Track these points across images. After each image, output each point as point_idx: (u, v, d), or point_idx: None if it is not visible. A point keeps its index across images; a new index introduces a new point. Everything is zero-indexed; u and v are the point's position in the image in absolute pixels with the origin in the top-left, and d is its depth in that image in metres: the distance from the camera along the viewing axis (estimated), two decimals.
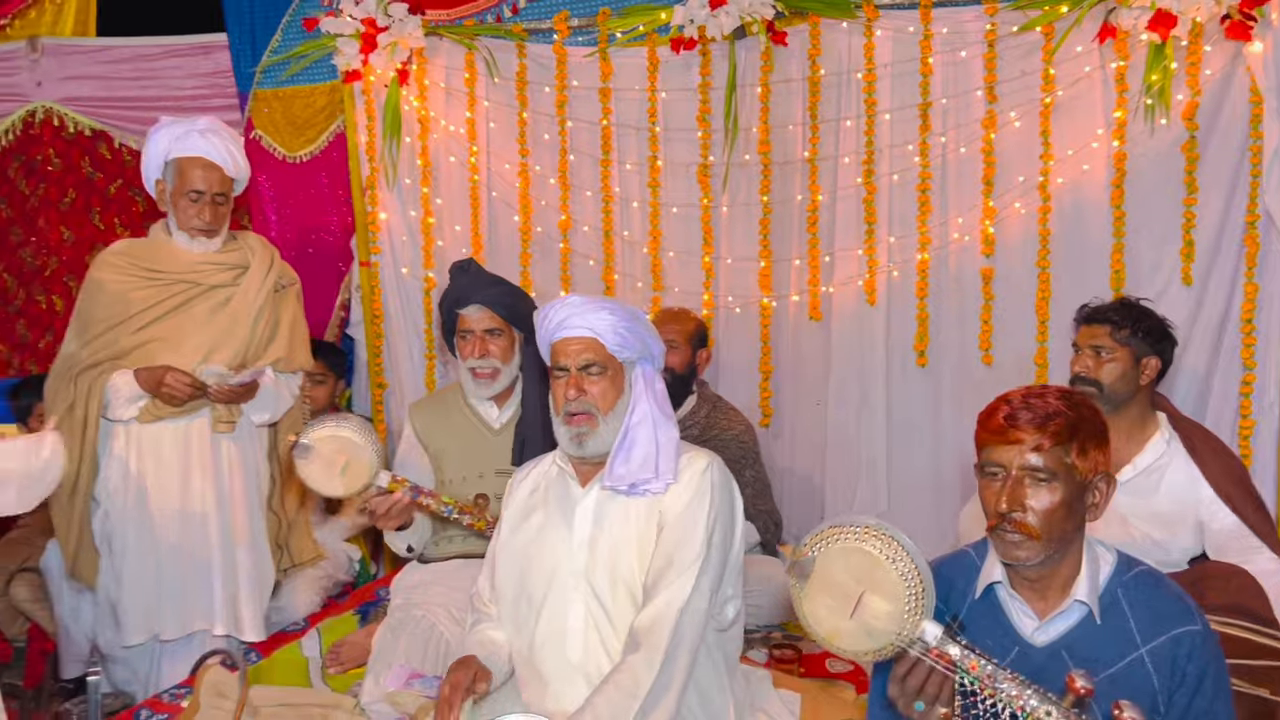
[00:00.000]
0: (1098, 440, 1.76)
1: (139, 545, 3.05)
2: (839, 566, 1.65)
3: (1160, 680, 1.72)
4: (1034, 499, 1.72)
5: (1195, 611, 1.77)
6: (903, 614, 1.59)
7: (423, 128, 3.94)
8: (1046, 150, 3.31)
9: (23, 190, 4.80)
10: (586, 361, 2.15)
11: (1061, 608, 1.78)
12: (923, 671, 1.62)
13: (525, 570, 2.25)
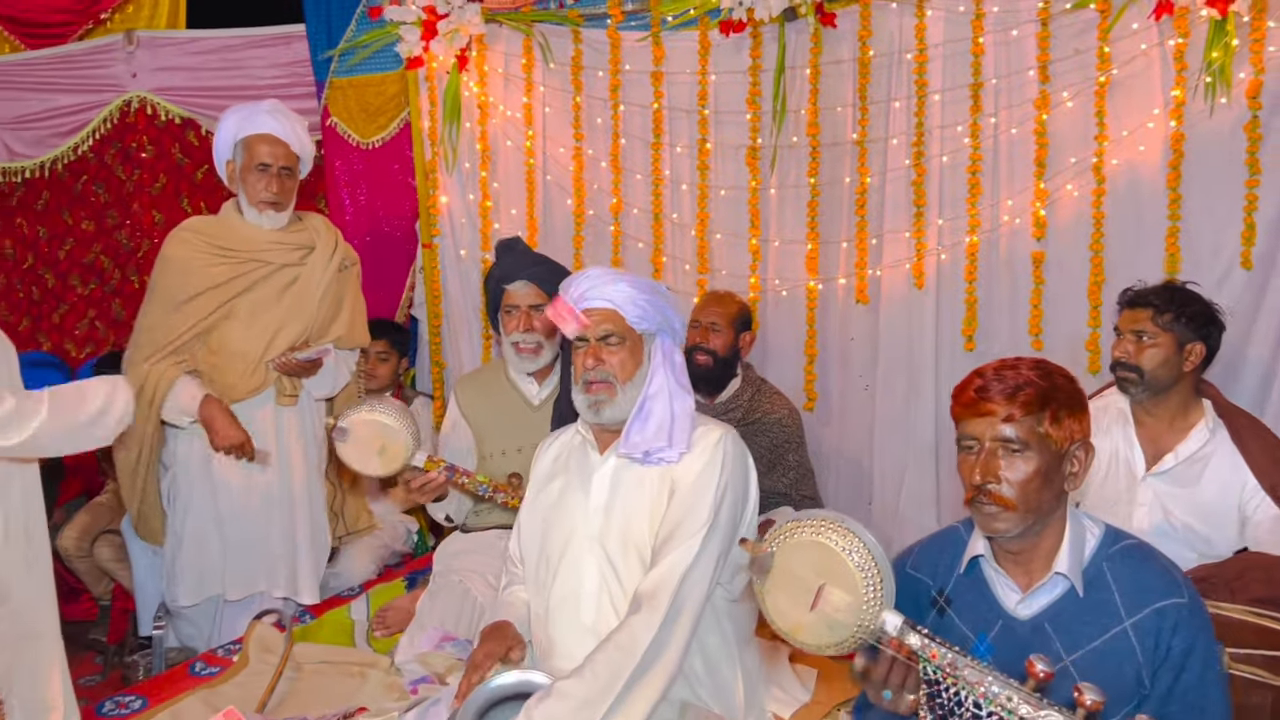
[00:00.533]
0: (1071, 408, 1.75)
1: (201, 510, 3.22)
2: (798, 560, 1.66)
3: (1144, 654, 1.70)
4: (1008, 470, 1.72)
5: (1182, 585, 1.74)
6: (862, 605, 1.59)
7: (482, 113, 4.04)
8: (1101, 131, 3.23)
9: (119, 176, 5.08)
10: (605, 332, 2.21)
11: (1043, 580, 1.77)
12: (885, 664, 1.63)
13: (545, 534, 2.32)
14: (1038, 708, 1.48)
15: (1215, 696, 1.72)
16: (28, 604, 2.43)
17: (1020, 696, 1.50)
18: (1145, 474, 2.73)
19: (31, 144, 5.16)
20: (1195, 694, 1.69)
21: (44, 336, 5.21)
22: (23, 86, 5.09)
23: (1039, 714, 1.48)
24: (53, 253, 5.21)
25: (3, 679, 2.35)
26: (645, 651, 1.98)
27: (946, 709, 1.57)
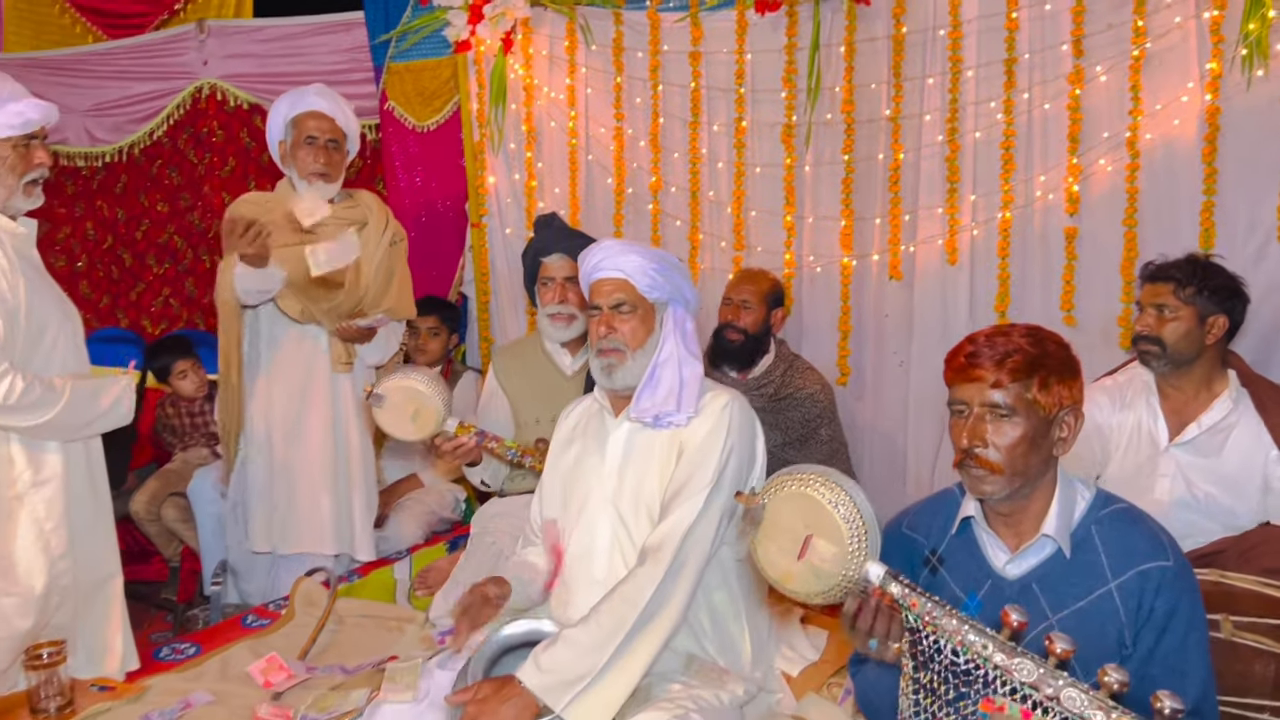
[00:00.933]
0: (1061, 374, 1.77)
1: (260, 468, 3.41)
2: (787, 512, 1.71)
3: (1127, 615, 1.73)
4: (995, 435, 1.75)
5: (1169, 548, 1.76)
6: (847, 555, 1.64)
7: (527, 95, 4.16)
8: (1135, 105, 3.21)
9: (191, 160, 5.32)
10: (617, 301, 2.29)
11: (1031, 542, 1.81)
12: (870, 613, 1.69)
13: (564, 495, 2.43)
14: (1011, 655, 1.52)
15: (1197, 660, 1.74)
16: (93, 556, 2.63)
17: (995, 645, 1.54)
18: (1168, 445, 2.74)
19: (111, 130, 5.43)
20: (1177, 656, 1.72)
21: (122, 313, 5.50)
22: (103, 75, 5.35)
23: (1012, 661, 1.52)
24: (130, 234, 5.49)
25: (69, 624, 2.55)
26: (648, 602, 2.07)
27: (926, 656, 1.61)
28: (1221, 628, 2.21)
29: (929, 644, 1.61)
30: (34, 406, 2.37)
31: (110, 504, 2.71)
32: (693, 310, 2.40)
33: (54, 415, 2.40)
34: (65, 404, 2.42)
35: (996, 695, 1.54)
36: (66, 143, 5.45)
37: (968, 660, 1.57)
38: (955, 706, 1.61)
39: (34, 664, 2.33)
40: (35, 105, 2.47)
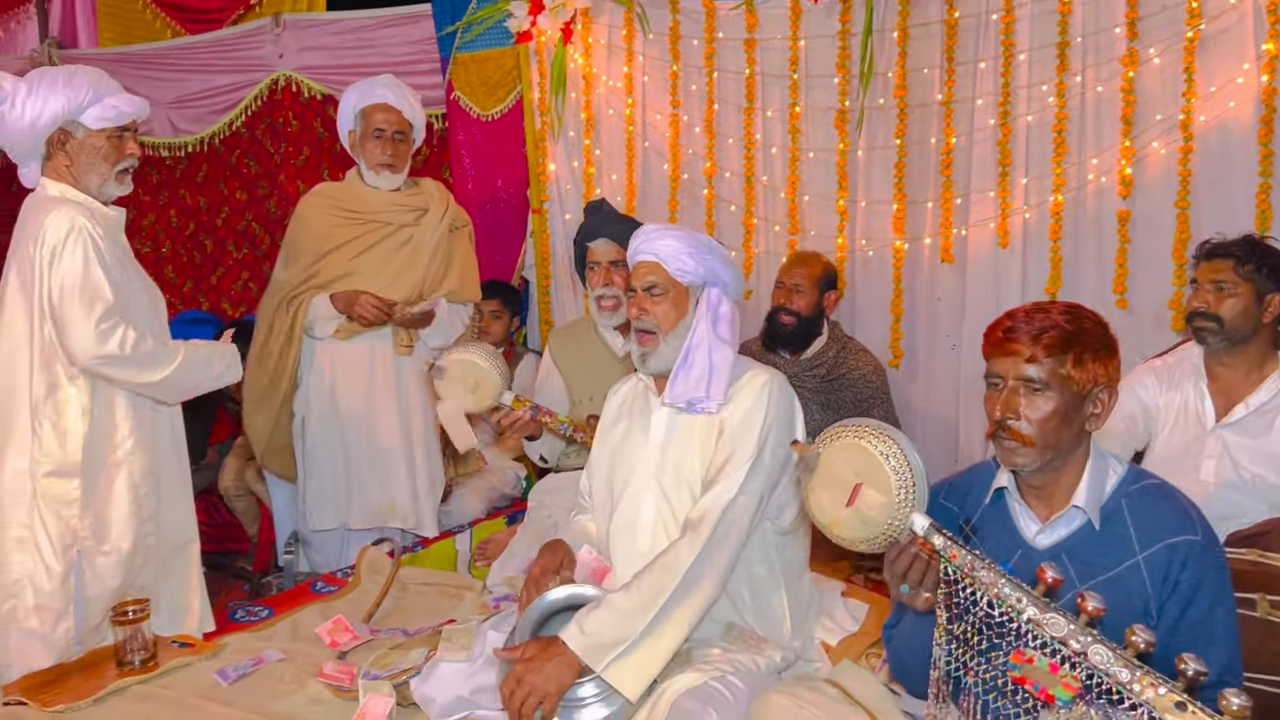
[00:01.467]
0: (1097, 352, 1.80)
1: (328, 446, 3.57)
2: (840, 461, 1.79)
3: (1153, 586, 1.77)
4: (1029, 408, 1.79)
5: (1197, 523, 1.79)
6: (894, 505, 1.72)
7: (586, 83, 4.26)
8: (1190, 87, 3.20)
9: (268, 149, 5.53)
10: (649, 283, 2.38)
11: (1061, 513, 1.85)
12: (909, 558, 1.76)
13: (610, 470, 2.54)
14: (1044, 610, 1.57)
15: (1224, 632, 1.77)
16: (175, 521, 2.82)
17: (1029, 599, 1.60)
18: (1215, 425, 2.75)
19: (192, 121, 5.66)
20: (1202, 628, 1.76)
21: (203, 296, 5.75)
22: (185, 69, 5.58)
23: (1044, 616, 1.57)
24: (211, 220, 5.72)
25: (152, 584, 2.74)
26: (687, 572, 2.16)
27: (961, 608, 1.68)
28: (1258, 606, 2.23)
29: (965, 596, 1.67)
30: (149, 362, 2.54)
31: (189, 473, 2.89)
32: (732, 294, 2.46)
33: (170, 373, 2.58)
34: (180, 363, 2.60)
35: (1027, 648, 1.59)
36: (152, 133, 5.69)
37: (1002, 613, 1.62)
38: (987, 657, 1.66)
39: (121, 620, 2.51)
40: (128, 100, 2.65)
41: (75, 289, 2.49)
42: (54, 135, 2.57)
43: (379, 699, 2.28)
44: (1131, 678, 1.49)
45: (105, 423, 2.59)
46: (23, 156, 2.60)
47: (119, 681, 2.42)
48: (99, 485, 2.59)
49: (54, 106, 2.52)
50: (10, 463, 2.53)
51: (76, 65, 2.63)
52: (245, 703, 2.36)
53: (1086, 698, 1.54)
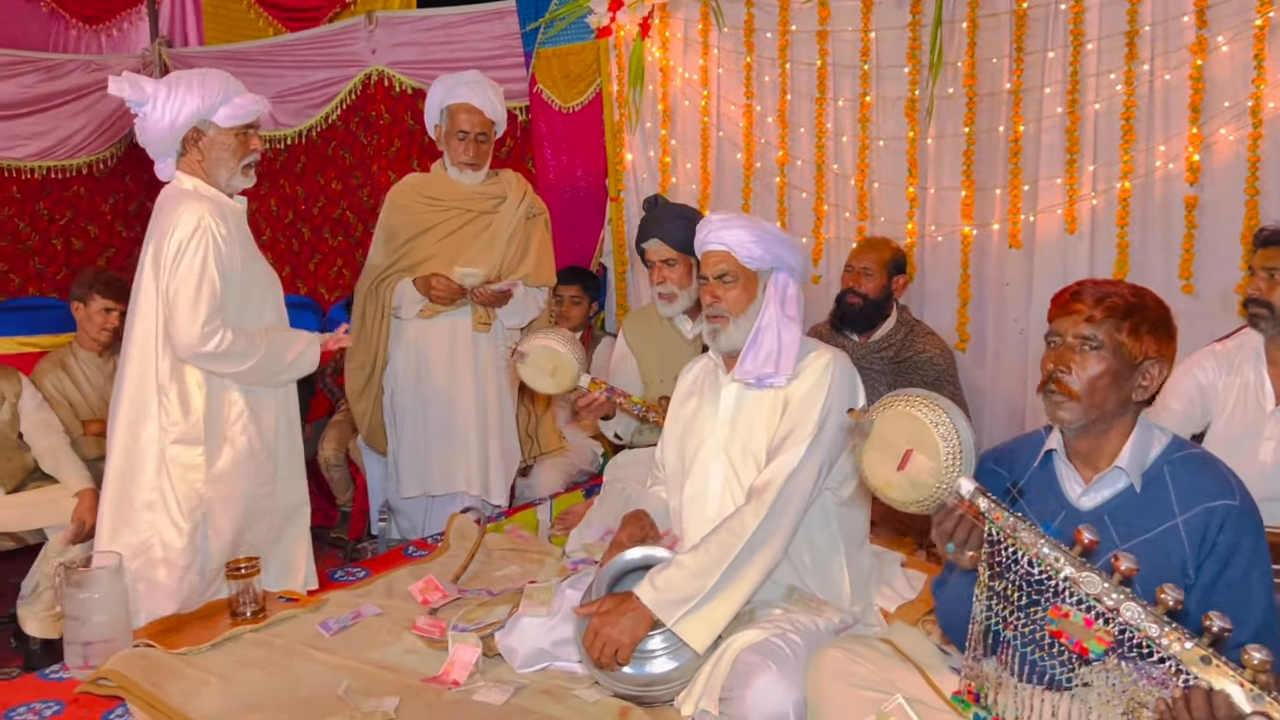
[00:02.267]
0: (1154, 328, 1.89)
1: (414, 419, 3.82)
2: (892, 428, 1.92)
3: (1191, 547, 1.85)
4: (1079, 364, 1.89)
5: (1235, 489, 1.86)
6: (942, 470, 1.84)
7: (663, 76, 4.42)
8: (1259, 74, 3.23)
9: (361, 141, 5.80)
10: (720, 271, 2.53)
11: (1104, 472, 1.94)
12: (955, 519, 1.88)
13: (682, 442, 2.70)
14: (1080, 569, 1.68)
15: (1260, 593, 1.84)
16: (289, 484, 3.09)
17: (1066, 559, 1.70)
18: (1274, 408, 2.80)
19: (292, 114, 5.96)
20: (1239, 588, 1.84)
21: (301, 282, 6.05)
22: (285, 65, 5.88)
23: (1080, 575, 1.68)
24: (308, 209, 6.03)
25: (262, 544, 3.00)
26: (752, 536, 2.32)
27: (1003, 565, 1.79)
28: None
29: (1007, 555, 1.78)
30: (237, 356, 2.80)
31: (301, 444, 3.15)
32: (798, 276, 2.60)
33: (253, 364, 2.83)
34: (262, 355, 2.85)
35: (1064, 604, 1.70)
36: None
37: (1041, 571, 1.73)
38: (1025, 612, 1.78)
39: (234, 574, 2.77)
40: (253, 99, 2.89)
41: (190, 291, 2.73)
42: (188, 133, 2.82)
43: (467, 649, 2.49)
44: (1160, 633, 1.59)
45: (220, 397, 2.85)
46: (160, 154, 2.85)
47: (233, 630, 2.68)
48: (219, 452, 2.85)
49: (190, 107, 2.77)
50: (143, 432, 2.80)
51: (207, 69, 2.87)
52: (346, 651, 2.58)
53: (1118, 651, 1.65)
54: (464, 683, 2.41)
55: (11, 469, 3.78)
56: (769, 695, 2.12)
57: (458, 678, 2.43)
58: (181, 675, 2.42)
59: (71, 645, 2.50)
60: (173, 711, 2.26)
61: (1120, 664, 1.67)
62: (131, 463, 2.80)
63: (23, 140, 5.86)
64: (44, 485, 3.80)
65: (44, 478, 3.85)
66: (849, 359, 2.57)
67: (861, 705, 1.97)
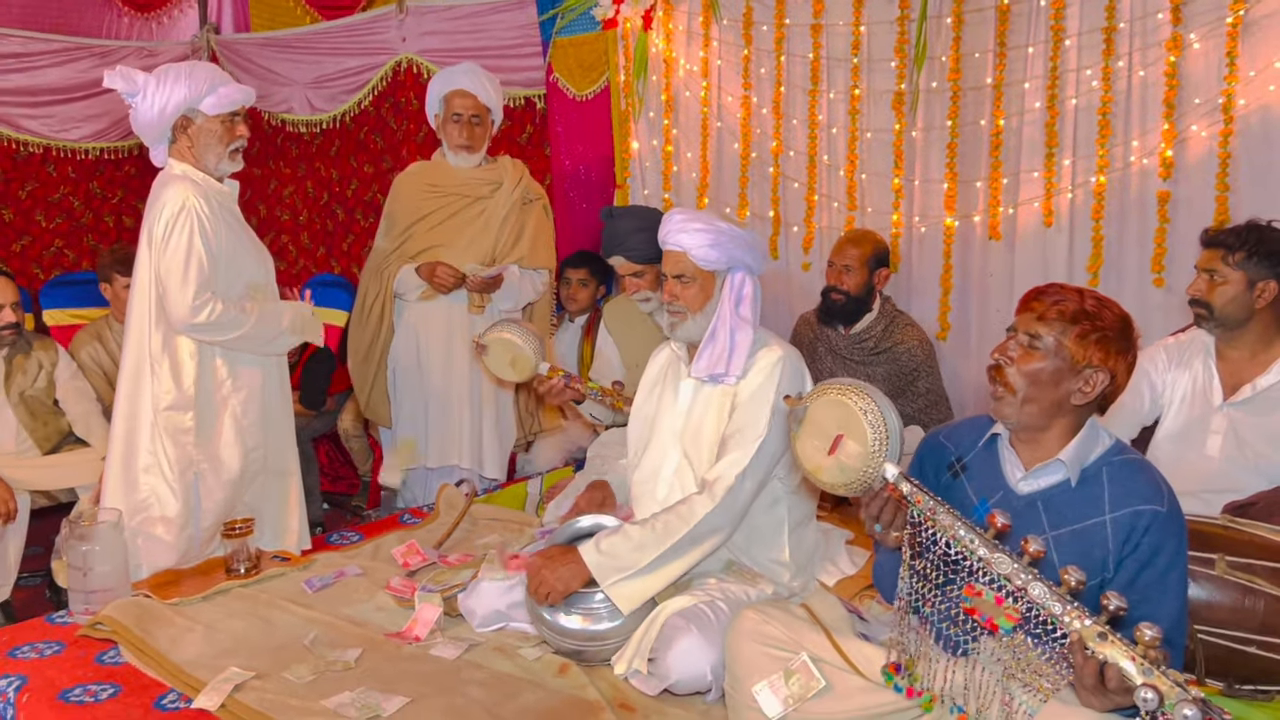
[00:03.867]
0: (1104, 340, 1.98)
1: (412, 394, 4.05)
2: (825, 415, 2.06)
3: (1115, 544, 1.98)
4: (1022, 359, 2.02)
5: (1165, 496, 1.98)
6: (869, 455, 1.97)
7: (666, 67, 4.55)
8: (1231, 71, 3.27)
9: (392, 126, 6.01)
10: (678, 272, 2.68)
11: (1045, 462, 2.06)
12: (880, 502, 2.02)
13: (644, 425, 2.88)
14: (993, 551, 1.82)
15: (1173, 595, 1.97)
16: (278, 447, 3.32)
17: (980, 541, 1.84)
18: (1222, 403, 2.87)
19: (327, 100, 6.20)
20: (1156, 587, 1.96)
21: (335, 261, 6.31)
22: (321, 51, 6.11)
23: (993, 556, 1.82)
24: (342, 192, 6.27)
25: (258, 504, 3.23)
26: (698, 523, 2.48)
27: (924, 546, 1.93)
28: (1216, 565, 2.39)
29: (927, 536, 1.92)
30: (229, 325, 3.03)
31: (292, 414, 3.37)
32: (755, 273, 2.73)
33: (244, 332, 3.06)
34: (254, 323, 3.07)
35: (978, 583, 1.85)
36: (292, 111, 6.27)
37: (957, 552, 1.87)
38: (943, 590, 1.92)
39: (230, 534, 3.01)
40: (238, 89, 3.11)
41: (179, 267, 2.97)
42: (178, 121, 3.05)
43: (429, 608, 2.70)
44: (1063, 611, 1.74)
45: (210, 366, 3.08)
46: (153, 141, 3.09)
47: (224, 584, 2.92)
48: (209, 418, 3.09)
49: (177, 97, 3.00)
50: (140, 400, 3.05)
51: (194, 61, 3.11)
52: (322, 606, 2.81)
53: (1025, 628, 1.80)
54: (424, 639, 2.62)
55: (48, 432, 4.08)
56: (690, 656, 2.30)
57: (419, 634, 2.64)
58: (170, 623, 2.67)
59: (75, 593, 2.76)
60: (158, 655, 2.50)
61: (1026, 639, 1.81)
62: (131, 428, 3.05)
63: (77, 123, 6.19)
64: (76, 448, 4.10)
65: (78, 441, 4.16)
66: (799, 355, 2.70)
67: (771, 663, 2.12)
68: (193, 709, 2.27)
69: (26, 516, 3.79)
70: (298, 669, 2.42)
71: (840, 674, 2.09)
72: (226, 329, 3.03)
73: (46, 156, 6.20)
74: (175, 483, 3.04)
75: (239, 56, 6.38)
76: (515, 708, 2.28)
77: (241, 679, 2.35)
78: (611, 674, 2.43)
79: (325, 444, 5.56)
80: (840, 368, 3.86)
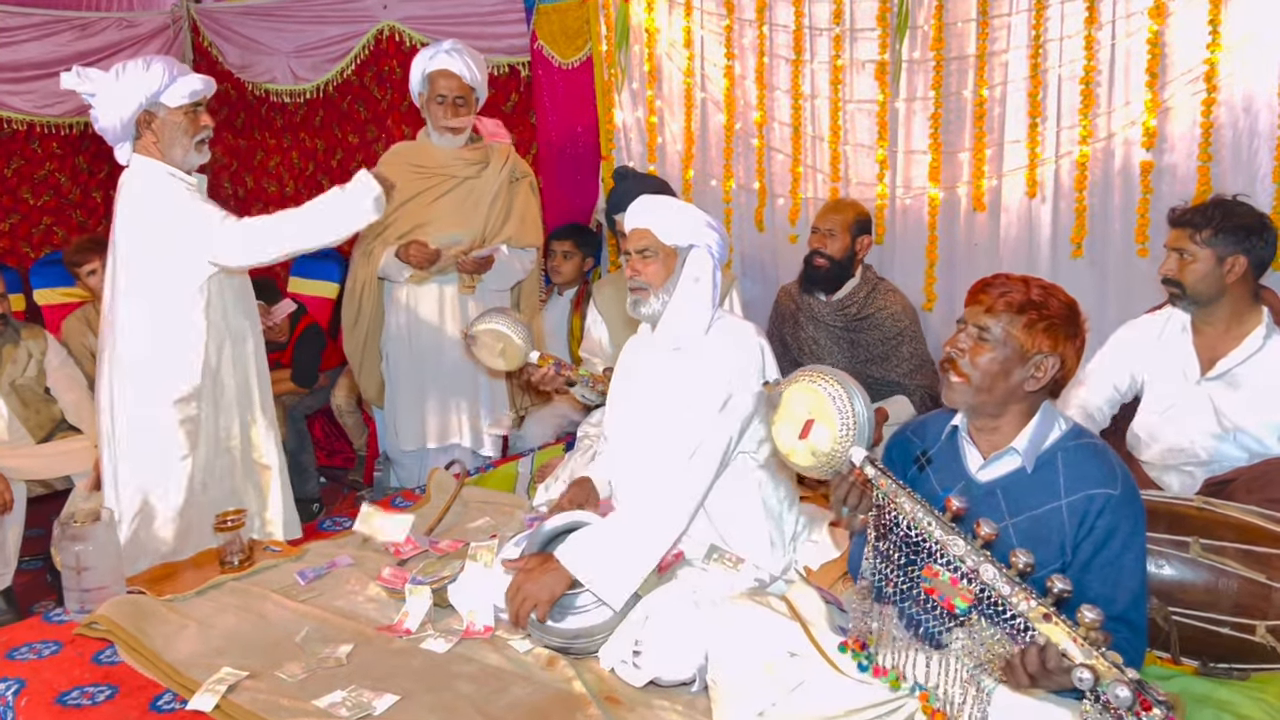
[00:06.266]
0: (1051, 327, 2.02)
1: (408, 376, 4.07)
2: (798, 400, 2.11)
3: (1070, 528, 2.02)
4: (974, 352, 2.06)
5: (1120, 480, 2.02)
6: (837, 439, 2.03)
7: (649, 37, 4.50)
8: (1214, 40, 3.24)
9: (375, 95, 5.97)
10: (640, 247, 2.71)
11: (1000, 452, 2.12)
12: (847, 486, 2.07)
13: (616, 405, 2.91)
14: (948, 534, 1.88)
15: (1131, 574, 2.01)
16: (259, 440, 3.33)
17: (937, 524, 1.90)
18: (1199, 379, 2.89)
19: (310, 69, 6.14)
20: (1112, 569, 2.01)
21: None
22: (302, 20, 6.04)
23: (948, 537, 1.88)
24: (327, 162, 6.24)
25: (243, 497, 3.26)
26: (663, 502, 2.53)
27: (887, 528, 1.99)
28: (1190, 548, 2.43)
29: (890, 518, 1.98)
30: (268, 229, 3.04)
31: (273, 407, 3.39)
32: (717, 254, 2.74)
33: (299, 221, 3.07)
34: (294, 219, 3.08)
35: (935, 564, 1.90)
36: (275, 81, 6.22)
37: (917, 534, 1.92)
38: (904, 571, 1.97)
39: (222, 526, 3.04)
40: (198, 79, 3.09)
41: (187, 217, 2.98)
42: (140, 116, 3.03)
43: (419, 600, 2.74)
44: (1011, 592, 1.79)
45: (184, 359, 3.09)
46: (116, 139, 3.08)
47: (217, 577, 2.96)
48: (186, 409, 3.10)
49: (137, 92, 2.98)
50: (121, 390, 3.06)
51: (152, 56, 3.09)
52: (314, 600, 2.84)
53: (979, 608, 1.85)
54: (415, 632, 2.66)
55: (40, 420, 4.11)
56: (673, 648, 2.34)
57: (410, 627, 2.68)
58: (165, 621, 2.70)
59: (70, 592, 2.80)
60: (152, 655, 2.53)
61: (981, 620, 1.86)
62: (114, 418, 3.08)
63: (61, 98, 6.13)
64: (70, 436, 4.13)
65: (70, 429, 4.19)
66: (756, 332, 2.72)
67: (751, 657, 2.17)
68: (188, 710, 2.31)
69: (24, 505, 3.84)
70: (290, 667, 2.46)
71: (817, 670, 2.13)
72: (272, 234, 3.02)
73: (30, 133, 6.17)
74: (156, 474, 3.07)
75: (220, 26, 6.32)
76: (504, 703, 2.32)
77: (235, 679, 2.39)
78: (598, 666, 2.47)
79: (320, 419, 5.59)
80: (823, 335, 3.88)
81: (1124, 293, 3.59)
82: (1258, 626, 2.32)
